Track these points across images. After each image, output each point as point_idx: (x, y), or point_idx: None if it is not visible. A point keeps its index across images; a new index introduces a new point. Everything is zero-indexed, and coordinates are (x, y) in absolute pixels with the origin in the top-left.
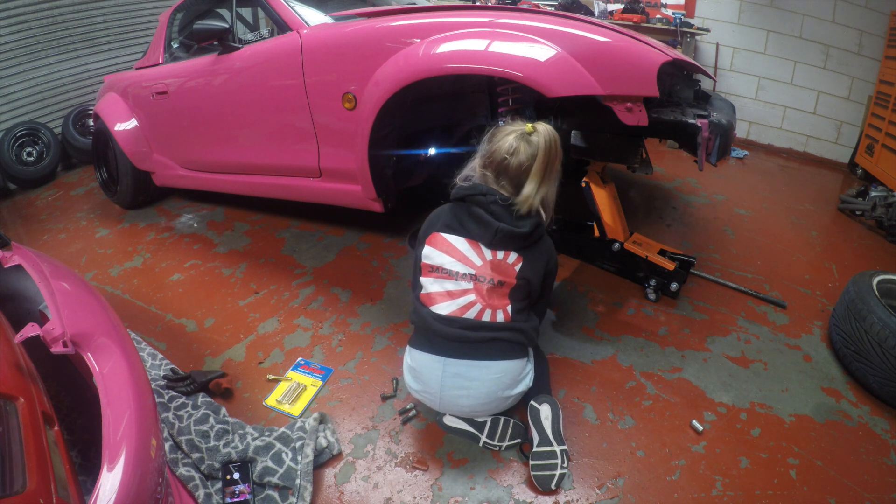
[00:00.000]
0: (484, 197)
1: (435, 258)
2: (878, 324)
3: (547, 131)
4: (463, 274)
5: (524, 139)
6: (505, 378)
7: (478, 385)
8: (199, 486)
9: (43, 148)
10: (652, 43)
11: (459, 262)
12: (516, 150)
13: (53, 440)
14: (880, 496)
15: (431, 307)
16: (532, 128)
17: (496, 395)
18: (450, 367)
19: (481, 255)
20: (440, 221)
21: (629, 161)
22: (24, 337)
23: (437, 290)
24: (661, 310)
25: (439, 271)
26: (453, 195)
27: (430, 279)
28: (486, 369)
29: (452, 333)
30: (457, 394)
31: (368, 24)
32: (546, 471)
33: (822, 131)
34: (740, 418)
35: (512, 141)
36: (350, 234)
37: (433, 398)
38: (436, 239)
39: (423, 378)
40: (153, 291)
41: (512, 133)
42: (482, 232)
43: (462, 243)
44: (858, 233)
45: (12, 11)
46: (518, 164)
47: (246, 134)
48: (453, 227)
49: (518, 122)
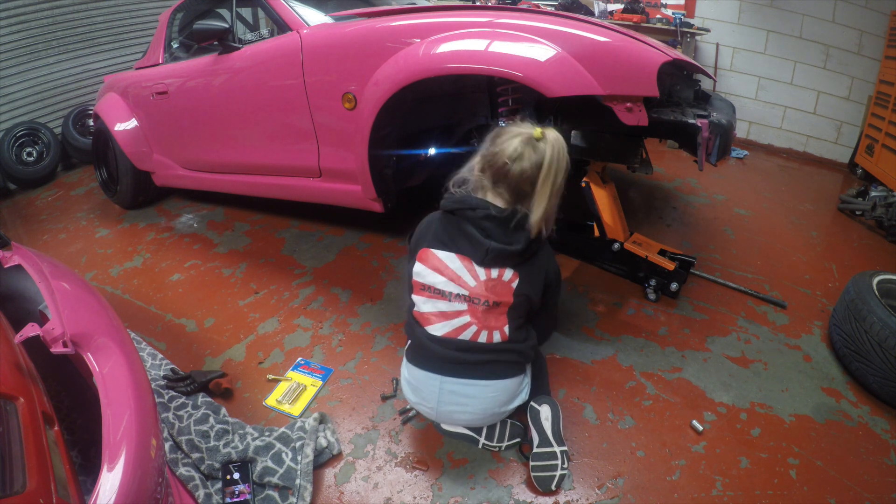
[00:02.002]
0: (473, 212)
1: (426, 276)
2: (878, 324)
3: (556, 139)
4: (456, 294)
5: (530, 145)
6: (502, 396)
7: (475, 402)
8: (199, 486)
9: (43, 148)
10: (652, 43)
11: (452, 281)
12: (520, 155)
13: (53, 440)
14: (880, 496)
15: (426, 327)
16: (541, 133)
17: (493, 411)
18: (447, 385)
19: (474, 274)
20: (430, 234)
21: (629, 161)
22: (24, 337)
23: (430, 309)
24: (661, 310)
25: (431, 290)
26: (442, 205)
27: (423, 298)
28: (483, 388)
29: (448, 355)
30: (453, 409)
31: (368, 24)
32: (546, 471)
33: (822, 131)
34: (740, 418)
35: (517, 145)
36: (350, 234)
37: (430, 412)
38: (426, 255)
39: (420, 392)
40: (153, 291)
41: (518, 136)
42: (473, 250)
43: (453, 260)
44: (858, 233)
45: (12, 11)
46: (520, 172)
47: (246, 134)
48: (444, 241)
49: (526, 124)
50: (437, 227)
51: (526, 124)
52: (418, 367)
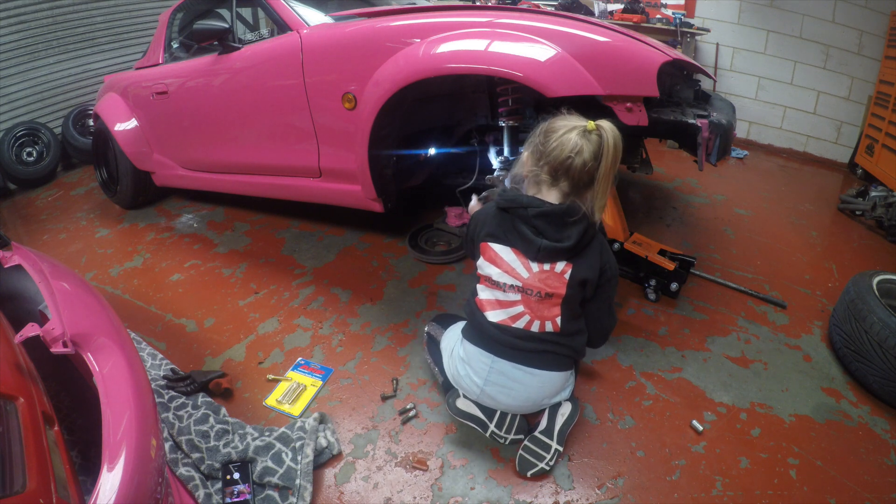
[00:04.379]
0: (525, 210)
1: (484, 268)
2: (878, 324)
3: (611, 129)
4: (510, 286)
5: (587, 137)
6: (547, 387)
7: (520, 388)
8: (199, 486)
9: (43, 148)
10: (652, 43)
11: (506, 273)
12: (581, 149)
13: (53, 440)
14: (880, 496)
15: (484, 313)
16: (595, 125)
17: (535, 400)
18: (497, 365)
19: (528, 266)
20: (484, 230)
21: (629, 161)
22: (24, 337)
23: (489, 297)
24: (661, 310)
25: (489, 281)
26: (497, 203)
27: (483, 286)
28: (531, 376)
29: (505, 340)
30: (497, 390)
31: (368, 24)
32: (532, 458)
33: (822, 131)
34: (740, 418)
35: (576, 139)
36: (350, 234)
37: (474, 387)
38: (484, 248)
39: (470, 366)
40: (153, 291)
41: (574, 130)
42: (525, 247)
43: (508, 253)
44: (858, 233)
45: (12, 11)
46: (582, 164)
47: (246, 134)
48: (498, 236)
49: (574, 117)
50: (492, 223)
51: (574, 117)
52: (473, 344)
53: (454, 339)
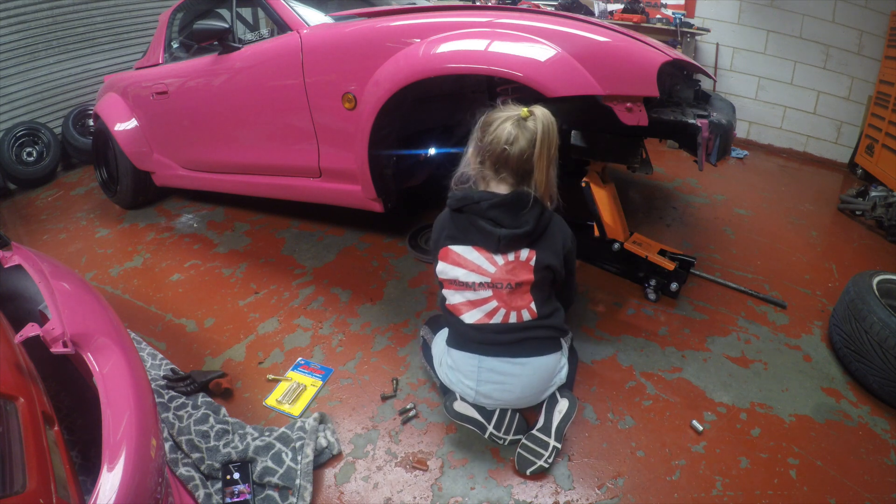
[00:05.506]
0: (478, 205)
1: (449, 272)
2: (878, 324)
3: (544, 114)
4: (479, 283)
5: (521, 125)
6: (542, 373)
7: (514, 381)
8: (199, 486)
9: (43, 148)
10: (652, 43)
11: (473, 272)
12: (515, 138)
13: (53, 440)
14: (880, 496)
15: (460, 317)
16: (528, 112)
17: (532, 390)
18: (485, 363)
19: (493, 261)
20: (444, 233)
21: (629, 161)
22: (24, 337)
23: (460, 300)
24: (661, 310)
25: (456, 283)
26: (449, 205)
27: (451, 291)
28: (521, 366)
29: (485, 338)
30: (493, 388)
31: (368, 24)
32: (531, 455)
33: (822, 131)
34: (740, 418)
35: (510, 129)
36: (350, 234)
37: (470, 391)
38: (446, 253)
39: (460, 371)
40: (153, 291)
41: (508, 120)
42: (485, 241)
43: (471, 252)
44: (858, 233)
45: (12, 11)
46: (519, 153)
47: (246, 134)
48: (457, 237)
49: (510, 107)
50: (450, 226)
51: (510, 106)
52: (458, 350)
53: (440, 350)
